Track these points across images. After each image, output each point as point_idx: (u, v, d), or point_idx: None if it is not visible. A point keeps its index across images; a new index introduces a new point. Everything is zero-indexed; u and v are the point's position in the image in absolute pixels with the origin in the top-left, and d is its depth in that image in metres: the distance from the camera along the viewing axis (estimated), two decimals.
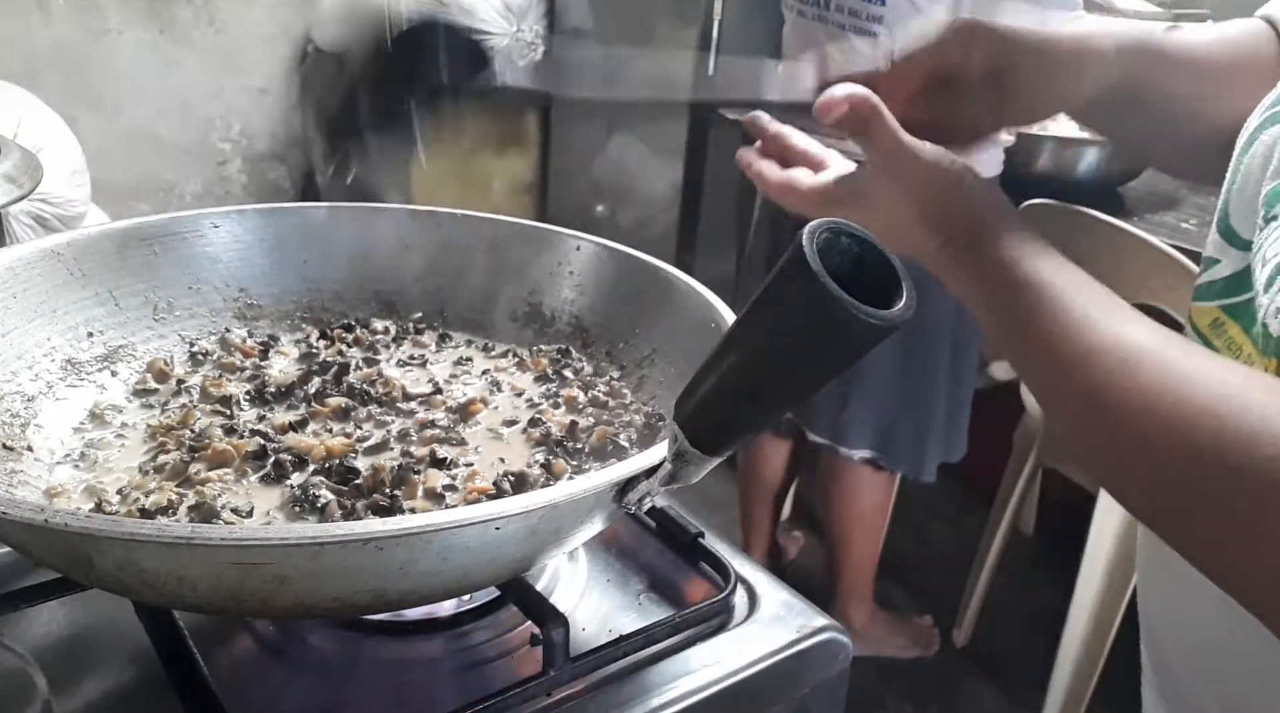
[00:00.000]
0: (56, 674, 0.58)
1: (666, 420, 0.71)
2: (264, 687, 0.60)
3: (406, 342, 0.83)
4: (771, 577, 0.70)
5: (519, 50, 2.80)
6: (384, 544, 0.45)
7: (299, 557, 0.45)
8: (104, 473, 0.65)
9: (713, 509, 2.13)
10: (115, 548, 0.45)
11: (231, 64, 3.00)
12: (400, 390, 0.75)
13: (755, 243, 1.76)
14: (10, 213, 1.41)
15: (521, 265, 0.85)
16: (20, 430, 0.66)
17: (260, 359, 0.79)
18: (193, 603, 0.51)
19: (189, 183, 3.05)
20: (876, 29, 1.48)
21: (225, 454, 0.65)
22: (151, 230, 0.80)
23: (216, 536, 0.43)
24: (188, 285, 0.81)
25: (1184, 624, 0.59)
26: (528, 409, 0.74)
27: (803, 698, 0.66)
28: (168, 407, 0.72)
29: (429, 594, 0.56)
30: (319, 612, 0.55)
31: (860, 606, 1.89)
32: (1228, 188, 0.56)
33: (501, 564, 0.53)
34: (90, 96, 2.77)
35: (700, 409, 0.45)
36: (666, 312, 0.76)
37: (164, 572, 0.46)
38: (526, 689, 0.57)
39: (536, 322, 0.85)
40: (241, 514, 0.60)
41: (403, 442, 0.69)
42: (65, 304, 0.73)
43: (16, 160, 0.91)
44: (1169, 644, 0.61)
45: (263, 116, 3.12)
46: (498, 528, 0.47)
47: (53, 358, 0.72)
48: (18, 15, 2.61)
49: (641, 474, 0.51)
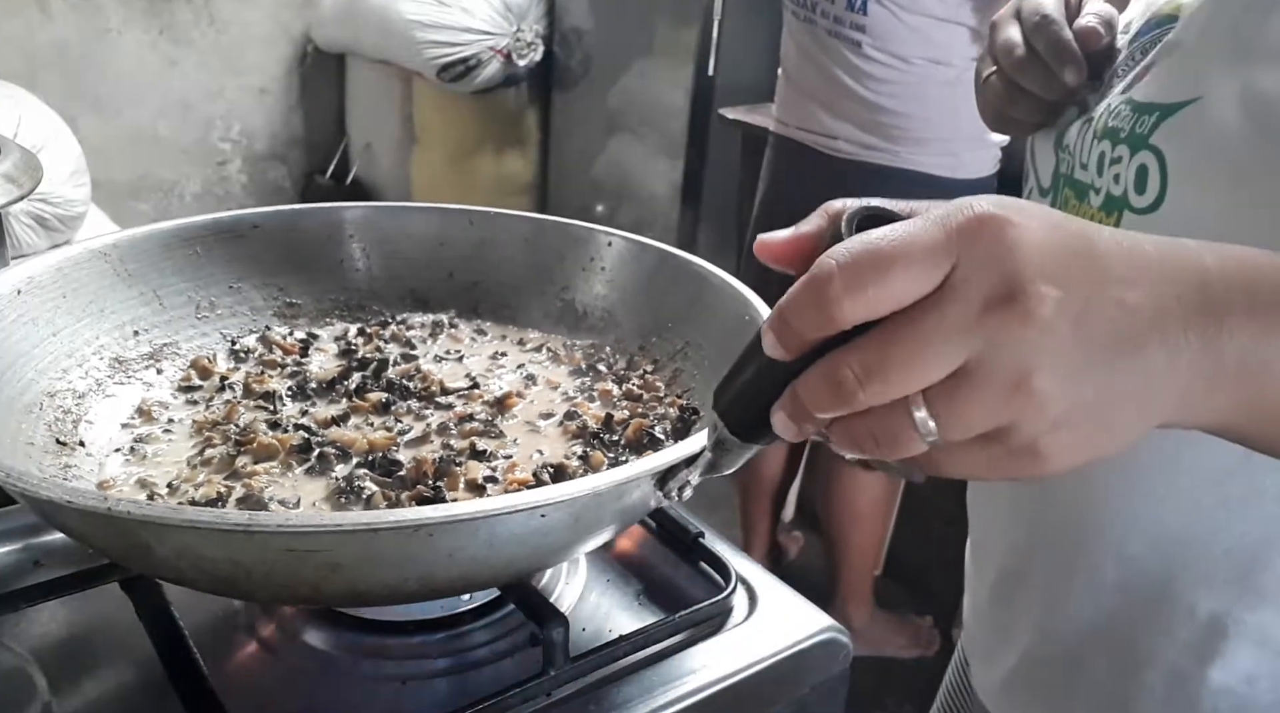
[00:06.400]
0: (56, 674, 0.58)
1: (701, 413, 0.71)
2: (264, 687, 0.60)
3: (443, 336, 0.85)
4: (771, 577, 0.70)
5: (519, 50, 2.80)
6: (434, 531, 0.46)
7: (353, 544, 0.46)
8: (153, 467, 0.66)
9: (713, 509, 2.13)
10: (174, 535, 0.46)
11: (231, 64, 3.00)
12: (438, 385, 0.76)
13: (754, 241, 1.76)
14: (10, 213, 1.41)
15: (554, 261, 0.86)
16: (73, 426, 0.67)
17: (301, 356, 0.80)
18: (246, 590, 0.52)
19: (189, 183, 3.05)
20: (859, 37, 1.49)
21: (270, 448, 0.66)
22: (194, 231, 0.81)
23: (273, 522, 0.44)
24: (229, 284, 0.83)
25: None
26: (563, 402, 0.75)
27: (803, 698, 0.66)
28: (212, 403, 0.73)
29: (475, 582, 0.57)
30: (370, 599, 0.56)
31: (860, 606, 1.89)
32: (1031, 164, 0.63)
33: (544, 552, 0.54)
34: (90, 96, 2.77)
35: (739, 397, 0.45)
36: (699, 305, 0.77)
37: (220, 558, 0.47)
38: (526, 689, 0.57)
39: (570, 317, 0.86)
40: (288, 505, 0.61)
41: (442, 435, 0.70)
42: (113, 303, 0.75)
43: (16, 160, 0.91)
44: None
45: (263, 116, 3.12)
46: (543, 515, 0.48)
47: (101, 356, 0.73)
48: (18, 15, 2.61)
49: (681, 463, 0.52)
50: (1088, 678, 0.59)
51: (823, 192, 1.69)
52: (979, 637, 0.71)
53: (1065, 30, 0.56)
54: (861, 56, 1.51)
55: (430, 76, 2.79)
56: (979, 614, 0.70)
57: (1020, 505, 0.62)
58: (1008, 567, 0.64)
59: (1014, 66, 0.58)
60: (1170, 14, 0.55)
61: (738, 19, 2.31)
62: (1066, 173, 0.58)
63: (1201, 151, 0.48)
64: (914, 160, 1.54)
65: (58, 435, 0.66)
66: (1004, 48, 0.59)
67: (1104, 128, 0.54)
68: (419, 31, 2.71)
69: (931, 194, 1.73)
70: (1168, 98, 0.50)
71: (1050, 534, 0.59)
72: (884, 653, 1.90)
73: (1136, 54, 0.56)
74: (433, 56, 2.73)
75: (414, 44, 2.73)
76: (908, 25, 1.46)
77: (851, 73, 1.53)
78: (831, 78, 1.55)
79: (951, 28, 1.46)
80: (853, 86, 1.53)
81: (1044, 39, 0.56)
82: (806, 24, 1.57)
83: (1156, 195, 0.50)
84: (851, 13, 1.49)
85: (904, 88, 1.50)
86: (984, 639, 0.70)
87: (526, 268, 0.87)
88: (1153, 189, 0.50)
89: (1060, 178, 0.59)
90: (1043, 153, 0.62)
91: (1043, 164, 0.62)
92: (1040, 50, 0.56)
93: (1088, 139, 0.56)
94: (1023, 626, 0.63)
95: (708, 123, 2.37)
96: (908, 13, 1.45)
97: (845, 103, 1.55)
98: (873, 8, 1.47)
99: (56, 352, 0.70)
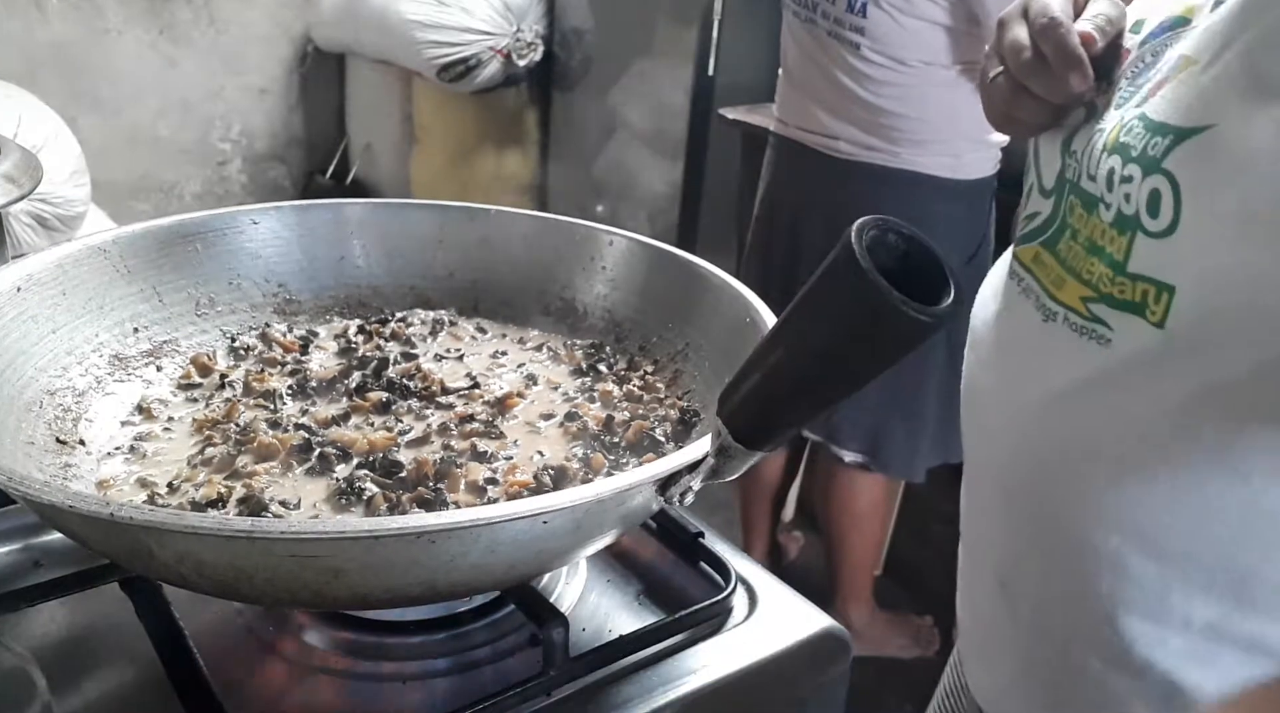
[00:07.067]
0: (56, 674, 0.57)
1: (702, 415, 0.71)
2: (264, 687, 0.60)
3: (443, 334, 0.85)
4: (771, 577, 0.70)
5: (519, 50, 2.80)
6: (436, 537, 0.46)
7: (355, 550, 0.46)
8: (153, 466, 0.66)
9: (713, 509, 2.13)
10: (177, 540, 0.46)
11: (231, 64, 3.00)
12: (439, 384, 0.76)
13: (754, 242, 1.76)
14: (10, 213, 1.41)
15: (554, 260, 0.86)
16: (72, 425, 0.67)
17: (301, 354, 0.80)
18: (248, 594, 0.52)
19: (189, 183, 3.05)
20: (859, 39, 1.49)
21: (271, 447, 0.66)
22: (194, 227, 0.81)
23: (276, 529, 0.45)
24: (228, 281, 0.83)
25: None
26: (564, 403, 0.75)
27: (803, 698, 0.66)
28: (212, 401, 0.73)
29: (476, 585, 0.57)
30: (371, 602, 0.56)
31: (860, 606, 1.88)
32: (1034, 161, 0.63)
33: (547, 557, 0.54)
34: (90, 96, 2.77)
35: (744, 404, 0.45)
36: (700, 306, 0.77)
37: (222, 564, 0.48)
38: (526, 689, 0.57)
39: (570, 316, 0.86)
40: (289, 506, 0.61)
41: (443, 435, 0.70)
42: (112, 300, 0.75)
43: (16, 160, 0.91)
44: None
45: (263, 116, 3.12)
46: (545, 522, 0.49)
47: (100, 353, 0.73)
48: (17, 15, 2.61)
49: (684, 469, 0.52)
50: (1083, 681, 0.59)
51: (823, 192, 1.71)
52: (975, 639, 0.71)
53: (1072, 35, 0.56)
54: (860, 58, 1.51)
55: (430, 76, 2.79)
56: (976, 617, 0.70)
57: (1015, 517, 0.62)
58: (1003, 574, 0.64)
59: (1021, 69, 0.58)
60: (1183, 16, 0.55)
61: (738, 19, 2.31)
62: (1073, 179, 0.58)
63: (1216, 180, 0.48)
64: (914, 161, 1.54)
65: (58, 434, 0.66)
66: (1011, 48, 0.58)
67: (1115, 142, 0.54)
68: (419, 31, 2.71)
69: (931, 195, 1.73)
70: (1182, 120, 0.50)
71: (1046, 545, 0.59)
72: (884, 653, 1.90)
73: (1147, 56, 0.56)
74: (433, 56, 2.73)
75: (414, 44, 2.73)
76: (906, 29, 1.46)
77: (851, 74, 1.53)
78: (831, 79, 1.55)
79: (949, 31, 1.46)
80: (852, 88, 1.53)
81: (1051, 43, 0.56)
82: (807, 24, 1.58)
83: (1171, 221, 0.49)
84: (851, 14, 1.49)
85: (903, 90, 1.50)
86: (980, 641, 0.70)
87: (527, 266, 0.87)
88: (1166, 214, 0.50)
89: (1066, 183, 0.59)
90: (1047, 153, 0.62)
91: (1047, 165, 0.62)
92: (1047, 54, 0.56)
93: (1097, 150, 0.55)
94: (1018, 629, 0.63)
95: (708, 123, 2.37)
96: (906, 16, 1.45)
97: (845, 103, 1.55)
98: (872, 10, 1.47)
99: (56, 349, 0.69)
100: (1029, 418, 0.59)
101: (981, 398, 0.65)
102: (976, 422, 0.66)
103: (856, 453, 1.72)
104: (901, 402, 1.67)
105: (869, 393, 1.67)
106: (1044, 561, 0.60)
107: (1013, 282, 0.63)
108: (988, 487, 0.65)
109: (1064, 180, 0.59)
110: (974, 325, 0.68)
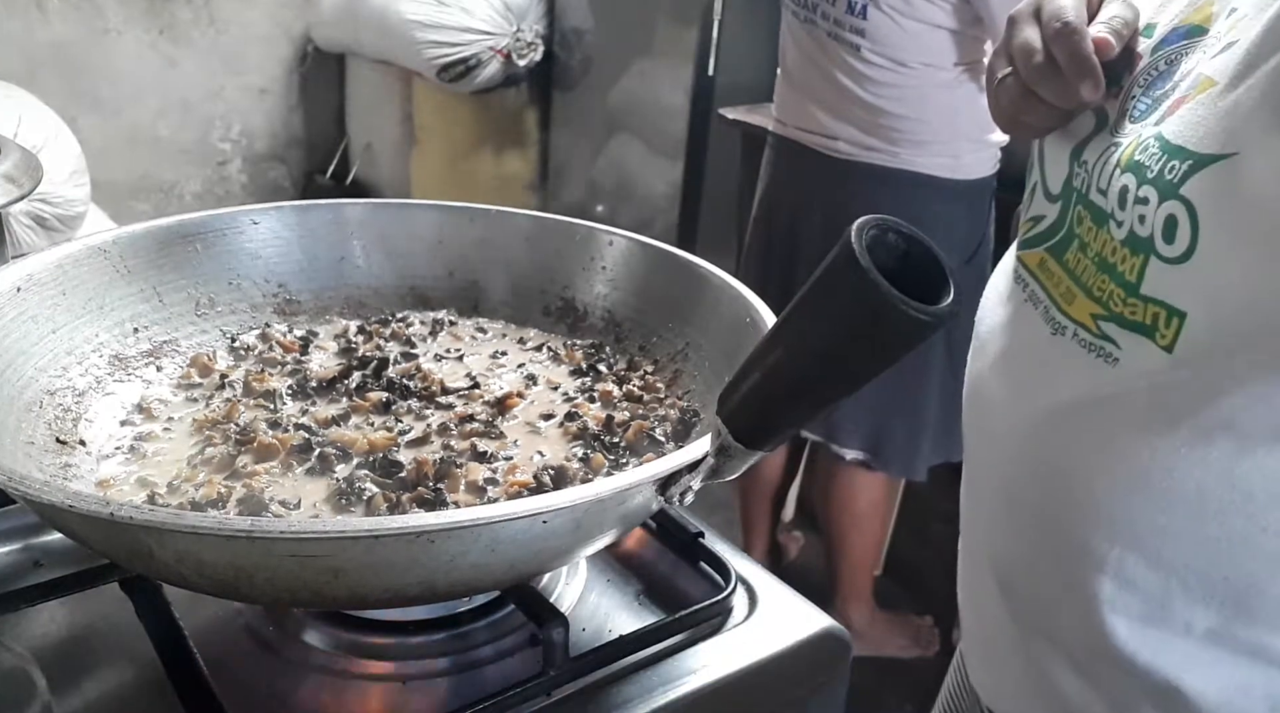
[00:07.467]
0: (56, 674, 0.57)
1: (702, 415, 0.71)
2: (264, 687, 0.60)
3: (442, 334, 0.85)
4: (771, 577, 0.70)
5: (519, 50, 2.80)
6: (436, 537, 0.46)
7: (354, 550, 0.46)
8: (153, 466, 0.66)
9: (713, 509, 2.13)
10: (177, 540, 0.46)
11: (231, 64, 3.00)
12: (439, 384, 0.76)
13: (753, 242, 1.76)
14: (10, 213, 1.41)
15: (554, 260, 0.86)
16: (72, 425, 0.67)
17: (301, 354, 0.80)
18: (248, 594, 0.52)
19: (189, 183, 3.05)
20: (858, 41, 1.49)
21: (271, 448, 0.66)
22: (194, 227, 0.81)
23: (276, 529, 0.45)
24: (228, 281, 0.83)
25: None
26: (563, 403, 0.75)
27: (803, 698, 0.66)
28: (212, 401, 0.73)
29: (476, 586, 0.57)
30: (371, 602, 0.56)
31: (860, 606, 1.88)
32: (1039, 163, 0.62)
33: (547, 557, 0.54)
34: (90, 96, 2.77)
35: (744, 404, 0.45)
36: (700, 306, 0.77)
37: (222, 563, 0.48)
38: (526, 689, 0.57)
39: (570, 316, 0.86)
40: (289, 506, 0.61)
41: (443, 435, 0.70)
42: (112, 301, 0.75)
43: (16, 160, 0.91)
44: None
45: (263, 116, 3.12)
46: (545, 522, 0.49)
47: (100, 353, 0.73)
48: (17, 15, 2.61)
49: (684, 468, 0.52)
50: (1087, 684, 0.59)
51: (822, 192, 1.71)
52: (978, 640, 0.71)
53: (1086, 41, 0.54)
54: (860, 60, 1.51)
55: (430, 76, 2.79)
56: (978, 618, 0.70)
57: (1016, 521, 0.62)
58: (1004, 577, 0.64)
59: (1031, 73, 0.57)
60: (1199, 24, 0.54)
61: (738, 19, 2.31)
62: (1081, 189, 0.57)
63: (1236, 210, 0.47)
64: (914, 162, 1.54)
65: (58, 434, 0.66)
66: (1022, 51, 0.57)
67: (1129, 160, 0.53)
68: (419, 31, 2.71)
69: (931, 195, 1.73)
70: (1201, 146, 0.49)
71: (1047, 549, 0.59)
72: (884, 653, 1.90)
73: (1160, 64, 0.55)
74: (433, 56, 2.73)
75: (414, 44, 2.72)
76: (906, 31, 1.46)
77: (851, 75, 1.53)
78: (831, 79, 1.56)
79: (950, 33, 1.46)
80: (852, 88, 1.53)
81: (1065, 50, 0.55)
82: (807, 25, 1.58)
83: (1187, 247, 0.49)
84: (851, 16, 1.49)
85: (903, 91, 1.51)
86: (982, 642, 0.70)
87: (527, 266, 0.87)
88: (1182, 240, 0.49)
89: (1073, 191, 0.58)
90: (1054, 158, 0.61)
91: (1053, 169, 0.61)
92: (1060, 61, 0.55)
93: (1110, 165, 0.54)
94: (1020, 631, 0.63)
95: (708, 123, 2.37)
96: (905, 18, 1.46)
97: (845, 104, 1.55)
98: (872, 12, 1.47)
99: (56, 349, 0.70)
100: (1034, 427, 0.59)
101: (986, 404, 0.65)
102: (980, 426, 0.66)
103: (857, 452, 1.72)
104: (902, 400, 1.67)
105: (869, 392, 1.66)
106: (1045, 564, 0.59)
107: (1018, 286, 0.62)
108: (989, 491, 0.65)
109: (1071, 188, 0.58)
110: (979, 330, 0.67)
